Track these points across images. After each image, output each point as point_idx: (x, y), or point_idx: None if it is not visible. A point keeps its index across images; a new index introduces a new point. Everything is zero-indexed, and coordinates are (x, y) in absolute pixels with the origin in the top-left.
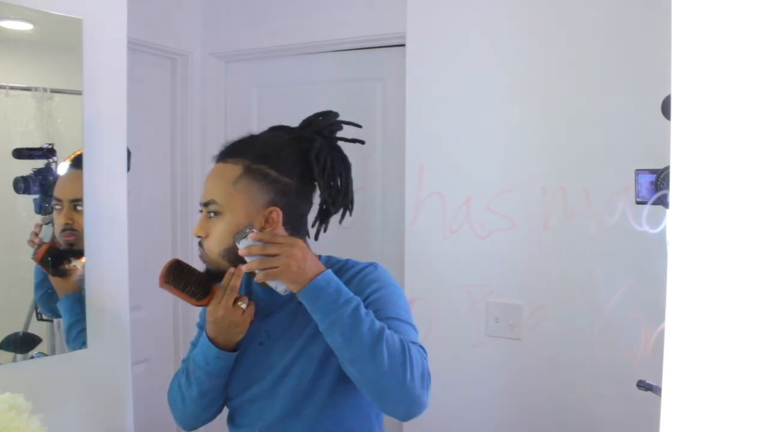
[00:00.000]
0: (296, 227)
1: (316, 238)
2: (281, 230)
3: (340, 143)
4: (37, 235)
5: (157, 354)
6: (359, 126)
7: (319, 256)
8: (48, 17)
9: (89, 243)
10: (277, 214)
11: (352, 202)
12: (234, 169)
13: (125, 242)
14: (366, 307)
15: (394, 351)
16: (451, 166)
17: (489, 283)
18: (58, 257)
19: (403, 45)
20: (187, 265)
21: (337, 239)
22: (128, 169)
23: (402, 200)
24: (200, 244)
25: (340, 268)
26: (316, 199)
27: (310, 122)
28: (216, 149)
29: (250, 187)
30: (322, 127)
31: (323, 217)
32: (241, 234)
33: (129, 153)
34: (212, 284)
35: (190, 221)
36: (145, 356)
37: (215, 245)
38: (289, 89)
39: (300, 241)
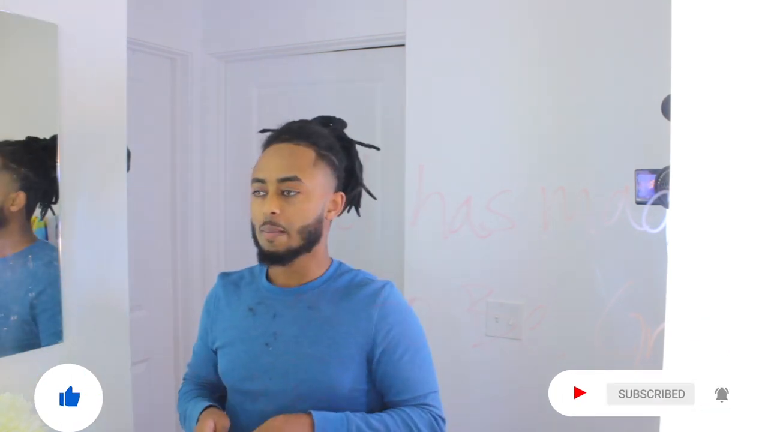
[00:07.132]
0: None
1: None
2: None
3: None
4: None
5: (157, 354)
6: (377, 149)
7: (332, 260)
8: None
9: (89, 243)
10: (342, 199)
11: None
12: (308, 152)
13: (125, 242)
14: (384, 339)
15: None
16: (451, 166)
17: (489, 283)
18: None
19: (403, 45)
20: None
21: (338, 239)
22: (128, 169)
23: (402, 200)
24: (270, 222)
25: (352, 279)
26: None
27: (338, 126)
28: (216, 149)
29: (325, 171)
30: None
31: (356, 206)
32: None
33: (129, 153)
34: None
35: (190, 221)
36: (145, 356)
37: (296, 220)
38: (289, 89)
39: (277, 418)
